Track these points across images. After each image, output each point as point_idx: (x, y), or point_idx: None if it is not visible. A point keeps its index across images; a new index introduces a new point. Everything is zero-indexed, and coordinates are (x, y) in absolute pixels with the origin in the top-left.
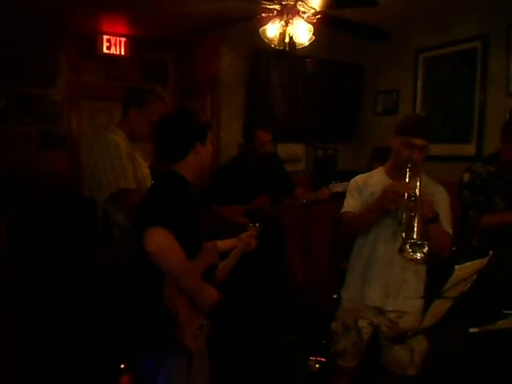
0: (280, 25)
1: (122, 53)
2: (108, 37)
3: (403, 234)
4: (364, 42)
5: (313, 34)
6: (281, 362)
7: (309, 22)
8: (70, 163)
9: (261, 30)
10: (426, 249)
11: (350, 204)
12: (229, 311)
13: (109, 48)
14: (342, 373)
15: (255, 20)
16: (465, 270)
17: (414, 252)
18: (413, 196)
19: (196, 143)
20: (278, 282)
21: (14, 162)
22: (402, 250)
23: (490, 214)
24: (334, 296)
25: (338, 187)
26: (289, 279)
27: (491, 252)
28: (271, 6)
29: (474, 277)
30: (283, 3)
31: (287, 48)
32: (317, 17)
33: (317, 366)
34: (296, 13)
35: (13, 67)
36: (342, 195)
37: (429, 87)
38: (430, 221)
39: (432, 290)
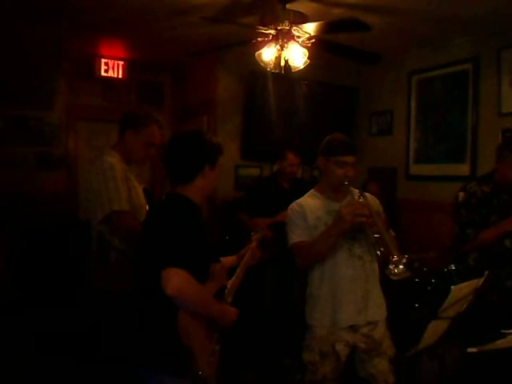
0: (275, 49)
1: (120, 76)
2: (106, 60)
3: (378, 253)
4: (358, 64)
5: (308, 58)
6: (280, 383)
7: (303, 46)
8: (67, 185)
9: (257, 53)
10: (405, 259)
11: (299, 234)
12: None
13: (106, 71)
14: None
15: (251, 44)
16: (461, 290)
17: (397, 266)
18: (369, 213)
19: (206, 166)
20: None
21: (11, 184)
22: (390, 274)
23: (486, 230)
24: None
25: None
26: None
27: (487, 272)
28: (267, 31)
29: (471, 297)
30: (278, 28)
31: (283, 71)
32: (311, 41)
33: None
34: (291, 37)
35: (11, 89)
36: None
37: (422, 108)
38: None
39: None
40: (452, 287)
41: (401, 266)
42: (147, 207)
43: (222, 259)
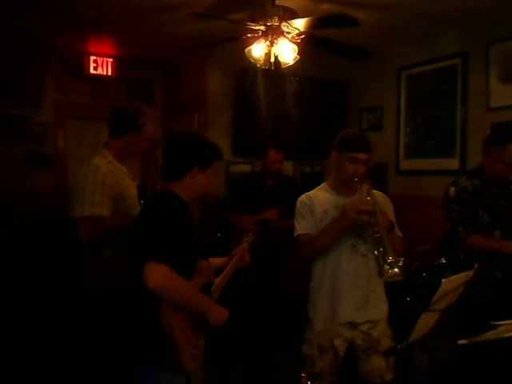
0: (265, 45)
1: (109, 73)
2: (95, 57)
3: (375, 252)
4: (348, 60)
5: (297, 54)
6: (272, 379)
7: (293, 42)
8: (57, 183)
9: (246, 50)
10: (401, 262)
11: (304, 226)
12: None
13: (96, 68)
14: None
15: (241, 40)
16: (451, 282)
17: (392, 268)
18: (372, 212)
19: (194, 168)
20: (276, 297)
21: (0, 183)
22: (381, 274)
23: (478, 236)
24: None
25: None
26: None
27: (476, 264)
28: (256, 27)
29: (461, 289)
30: (268, 24)
31: (273, 67)
32: (301, 37)
33: (309, 382)
34: (280, 33)
35: None
36: None
37: (412, 103)
38: (388, 231)
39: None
40: (443, 280)
41: (396, 269)
42: (141, 204)
43: (211, 259)
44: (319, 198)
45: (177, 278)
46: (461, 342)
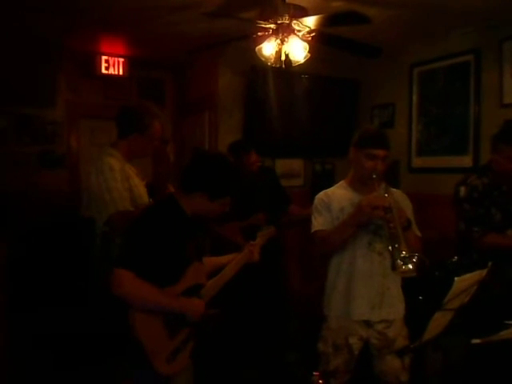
0: (276, 43)
1: (121, 73)
2: (106, 57)
3: (390, 248)
4: (359, 57)
5: (308, 52)
6: (283, 378)
7: (304, 40)
8: (70, 182)
9: (257, 48)
10: (416, 258)
11: (321, 222)
12: (230, 325)
13: (107, 68)
14: None
15: (251, 39)
16: (465, 281)
17: (406, 264)
18: (388, 208)
19: (199, 192)
20: (279, 298)
21: (14, 183)
22: (394, 268)
23: (494, 234)
24: None
25: None
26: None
27: (490, 263)
28: (267, 25)
29: (474, 288)
30: (278, 22)
31: (283, 66)
32: (312, 35)
33: (320, 381)
34: (291, 31)
35: (12, 87)
36: None
37: (424, 100)
38: (404, 228)
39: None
40: (456, 278)
41: (409, 265)
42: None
43: (212, 258)
44: (337, 196)
45: (140, 286)
46: (474, 341)
